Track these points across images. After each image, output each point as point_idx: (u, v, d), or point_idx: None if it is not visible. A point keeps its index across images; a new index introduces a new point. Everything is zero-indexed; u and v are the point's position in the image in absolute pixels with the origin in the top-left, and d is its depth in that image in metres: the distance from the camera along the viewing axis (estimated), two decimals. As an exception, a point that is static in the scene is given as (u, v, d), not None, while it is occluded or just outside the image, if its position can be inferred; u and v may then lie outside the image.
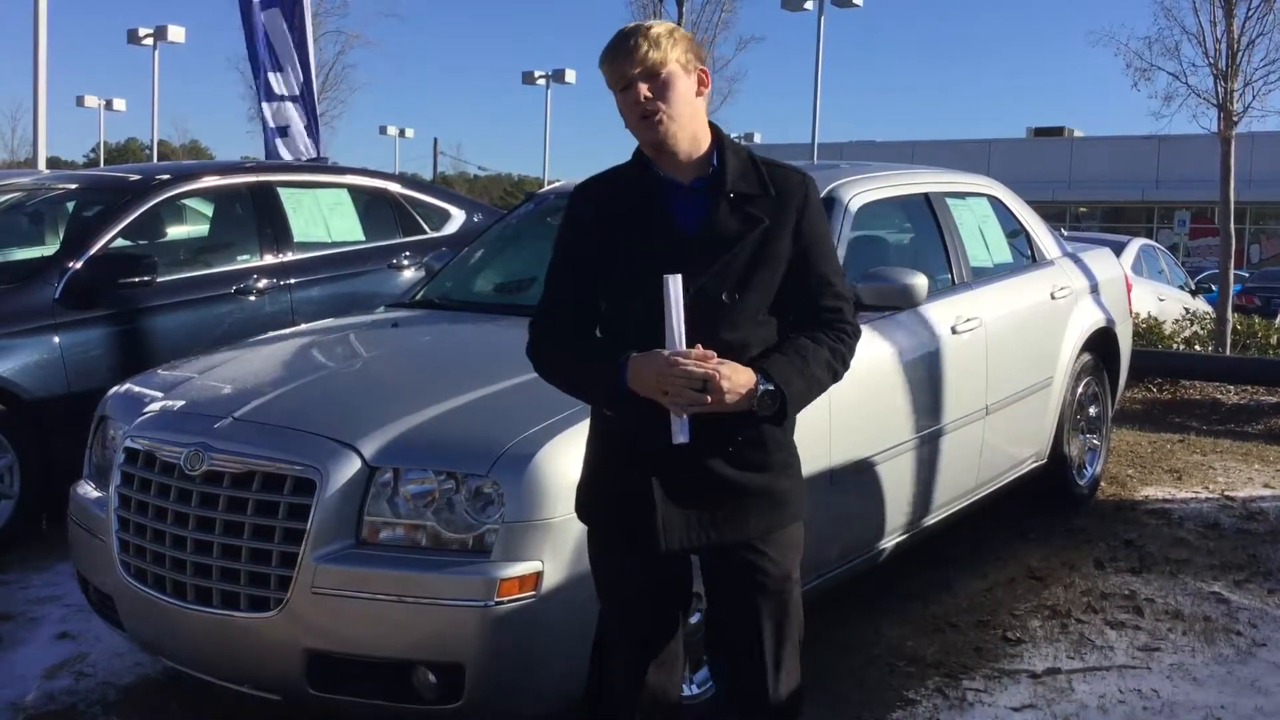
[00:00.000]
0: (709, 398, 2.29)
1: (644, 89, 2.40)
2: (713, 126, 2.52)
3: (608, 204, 2.52)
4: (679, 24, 18.70)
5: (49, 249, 6.36)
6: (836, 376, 2.51)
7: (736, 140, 2.55)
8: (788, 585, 2.53)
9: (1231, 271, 12.13)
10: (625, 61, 2.40)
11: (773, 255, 2.44)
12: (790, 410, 2.40)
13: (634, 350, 2.36)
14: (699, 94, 2.47)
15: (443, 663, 3.08)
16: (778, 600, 2.53)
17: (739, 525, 2.46)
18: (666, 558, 2.50)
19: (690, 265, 2.37)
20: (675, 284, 2.29)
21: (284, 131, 9.59)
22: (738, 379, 2.31)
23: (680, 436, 2.33)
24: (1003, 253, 5.65)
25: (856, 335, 2.56)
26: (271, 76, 9.59)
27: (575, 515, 3.07)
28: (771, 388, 2.35)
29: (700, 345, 2.32)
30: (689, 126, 2.45)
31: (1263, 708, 3.77)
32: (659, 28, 2.44)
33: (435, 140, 54.17)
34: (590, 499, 2.60)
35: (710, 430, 2.39)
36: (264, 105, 9.69)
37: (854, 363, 2.59)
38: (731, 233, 2.42)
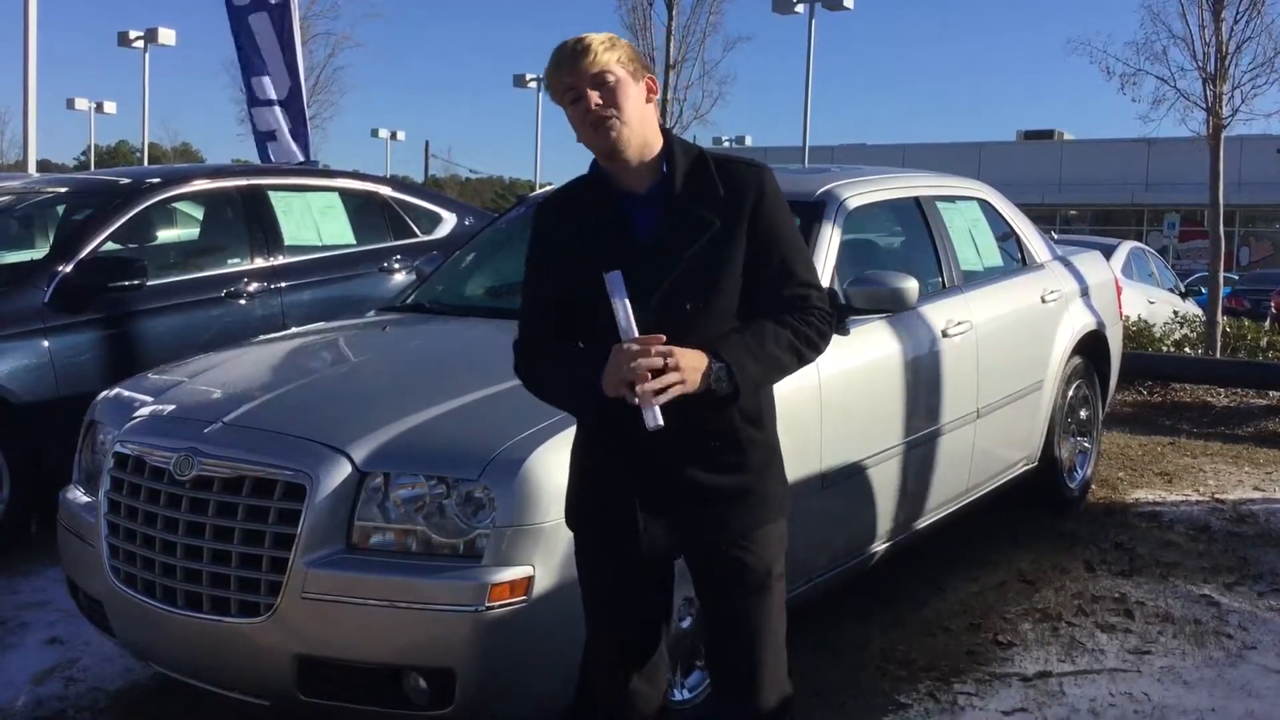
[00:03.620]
0: (667, 380, 2.26)
1: (594, 96, 2.39)
2: (664, 131, 2.51)
3: (568, 218, 2.52)
4: (669, 26, 18.74)
5: (38, 252, 6.34)
6: (802, 357, 2.45)
7: (725, 143, 2.54)
8: (769, 580, 2.52)
9: (1221, 274, 12.15)
10: (571, 72, 2.40)
11: (729, 256, 2.42)
12: (744, 388, 2.36)
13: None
14: (648, 100, 2.47)
15: (433, 668, 3.07)
16: (759, 595, 2.51)
17: (719, 527, 2.46)
18: (649, 563, 2.51)
19: (646, 275, 2.36)
20: (615, 279, 2.30)
21: (271, 136, 9.58)
22: (687, 358, 2.29)
23: (654, 421, 2.28)
24: (993, 256, 5.66)
25: (827, 319, 2.49)
26: (257, 81, 9.58)
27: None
28: (723, 364, 2.32)
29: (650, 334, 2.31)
30: (640, 132, 2.43)
31: (1253, 711, 3.78)
32: (598, 36, 2.43)
33: (426, 143, 54.12)
34: (574, 506, 2.61)
35: (685, 434, 2.38)
36: (253, 110, 9.68)
37: (845, 366, 2.59)
38: (682, 239, 2.41)
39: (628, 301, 2.30)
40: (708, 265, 2.41)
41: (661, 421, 2.29)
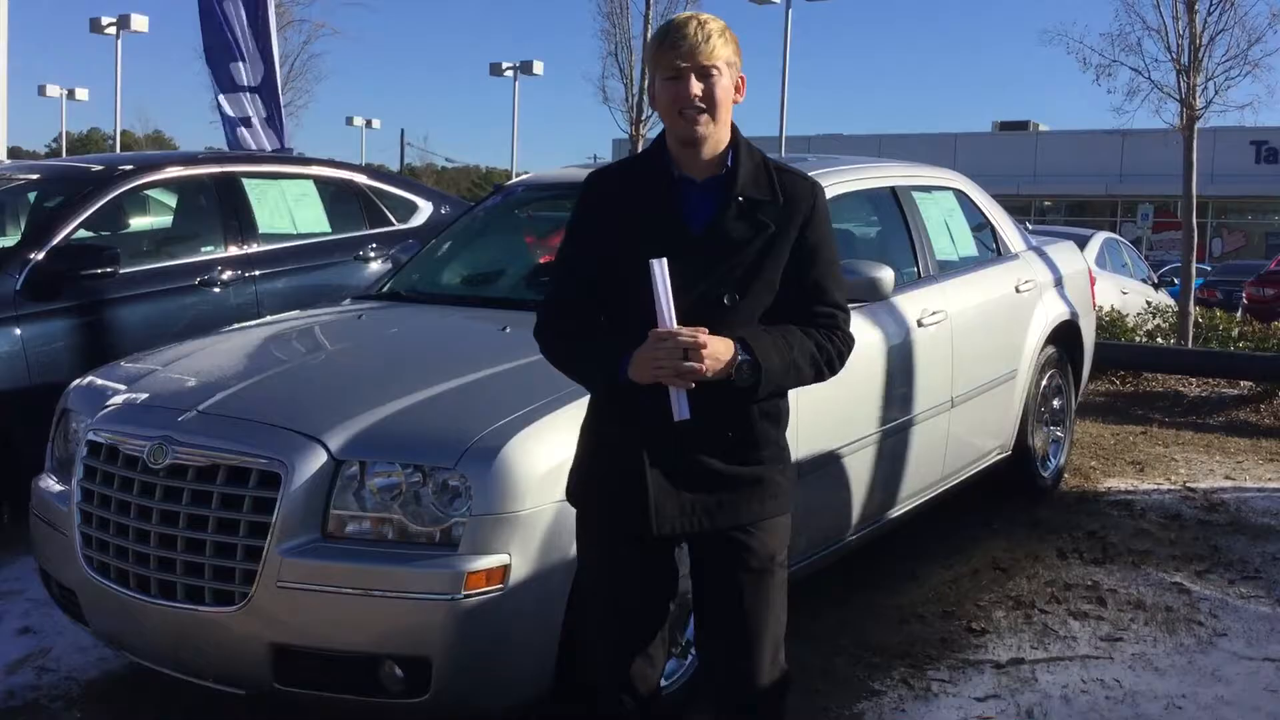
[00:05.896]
0: (694, 365, 2.31)
1: (695, 87, 2.41)
2: (732, 127, 2.52)
3: (619, 196, 2.53)
4: (647, 15, 18.62)
5: (10, 240, 6.28)
6: (820, 372, 2.53)
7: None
8: (771, 565, 2.56)
9: (1194, 265, 12.22)
10: (681, 56, 2.40)
11: (774, 261, 2.47)
12: (764, 384, 2.41)
13: (636, 340, 2.38)
14: (735, 100, 2.49)
15: (409, 656, 3.07)
16: (761, 578, 2.54)
17: (730, 512, 2.49)
18: (656, 545, 2.52)
19: (693, 265, 2.40)
20: (661, 267, 2.33)
21: (246, 122, 9.51)
22: (716, 347, 2.34)
23: (681, 413, 2.36)
24: (968, 246, 5.68)
25: (848, 343, 2.58)
26: (234, 67, 9.51)
27: (544, 508, 3.09)
28: (749, 359, 2.38)
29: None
30: (722, 128, 2.47)
31: (1223, 696, 3.82)
32: (717, 24, 2.45)
33: (402, 131, 54.00)
34: (583, 483, 2.61)
35: (703, 424, 2.41)
36: (222, 97, 9.60)
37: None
38: (737, 237, 2.45)
39: (670, 290, 2.32)
40: (755, 266, 2.45)
41: (689, 414, 2.36)
